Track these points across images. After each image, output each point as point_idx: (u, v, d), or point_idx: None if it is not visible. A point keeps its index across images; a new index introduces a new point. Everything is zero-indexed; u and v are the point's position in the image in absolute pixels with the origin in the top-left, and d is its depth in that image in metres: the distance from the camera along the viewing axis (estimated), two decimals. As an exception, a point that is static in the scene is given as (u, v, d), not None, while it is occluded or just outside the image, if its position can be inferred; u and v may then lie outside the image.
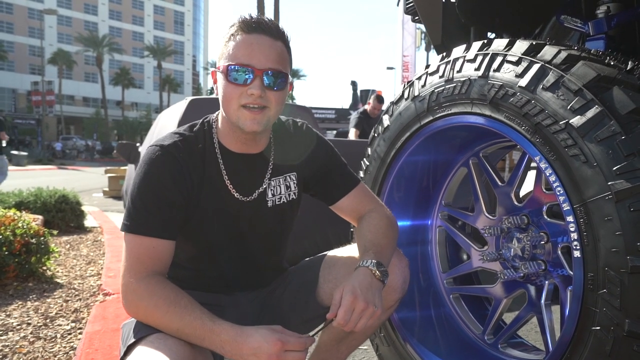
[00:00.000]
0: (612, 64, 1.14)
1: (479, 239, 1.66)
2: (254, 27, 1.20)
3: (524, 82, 1.22)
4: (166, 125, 4.04)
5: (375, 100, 6.81)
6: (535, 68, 1.21)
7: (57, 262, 3.67)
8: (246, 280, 1.42)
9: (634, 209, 1.00)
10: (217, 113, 1.35)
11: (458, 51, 1.47)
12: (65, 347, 2.16)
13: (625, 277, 1.02)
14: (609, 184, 1.04)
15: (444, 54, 1.53)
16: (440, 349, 1.66)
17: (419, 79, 1.59)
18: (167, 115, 4.41)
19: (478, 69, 1.36)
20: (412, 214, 1.83)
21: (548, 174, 1.17)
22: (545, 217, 1.40)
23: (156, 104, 63.14)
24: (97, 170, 18.80)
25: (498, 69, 1.30)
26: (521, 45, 1.27)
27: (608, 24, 1.55)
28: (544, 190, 1.40)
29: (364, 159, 1.84)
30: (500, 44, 1.34)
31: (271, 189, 1.37)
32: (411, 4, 2.32)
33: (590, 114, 1.08)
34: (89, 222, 5.76)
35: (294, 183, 1.42)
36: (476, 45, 1.41)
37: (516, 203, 1.48)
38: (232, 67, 1.18)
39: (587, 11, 1.65)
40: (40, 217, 4.51)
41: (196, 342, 1.09)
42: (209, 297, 1.34)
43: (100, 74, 52.84)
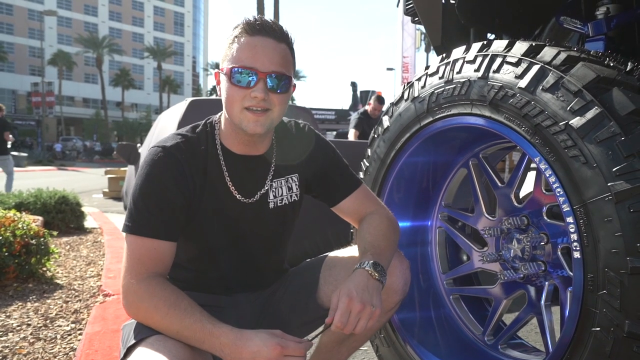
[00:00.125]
0: (612, 65, 1.14)
1: (478, 240, 1.66)
2: (258, 29, 1.20)
3: (523, 83, 1.22)
4: (166, 126, 4.04)
5: (376, 100, 6.82)
6: (535, 69, 1.21)
7: (57, 263, 3.67)
8: (246, 281, 1.42)
9: (633, 210, 1.01)
10: (219, 114, 1.35)
11: (458, 52, 1.47)
12: (65, 348, 2.16)
13: (625, 278, 1.02)
14: (609, 185, 1.04)
15: (444, 55, 1.54)
16: (440, 350, 1.66)
17: (419, 80, 1.60)
18: (167, 116, 4.41)
19: (478, 70, 1.36)
20: (412, 215, 1.83)
21: (548, 175, 1.17)
22: (545, 218, 1.40)
23: (156, 105, 63.15)
24: (97, 171, 18.79)
25: (498, 70, 1.30)
26: (521, 47, 1.28)
27: (607, 25, 1.56)
28: (544, 191, 1.40)
29: (364, 159, 1.84)
30: (499, 45, 1.34)
31: (273, 191, 1.37)
32: (411, 5, 2.32)
33: (590, 115, 1.08)
34: (89, 223, 5.76)
35: (295, 184, 1.42)
36: (476, 46, 1.41)
37: (516, 204, 1.49)
38: (236, 70, 1.18)
39: (586, 12, 1.65)
40: (40, 218, 4.51)
41: (196, 344, 1.09)
42: (209, 298, 1.34)
43: (100, 75, 52.89)
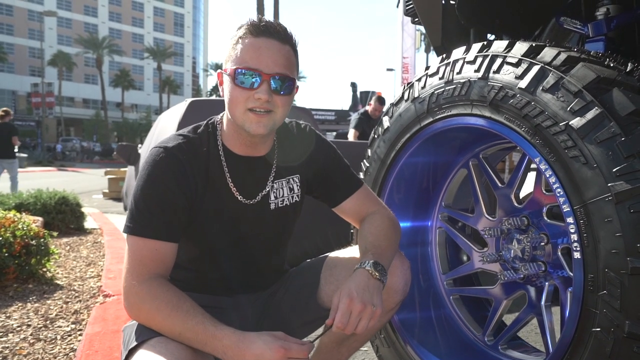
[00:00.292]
0: (612, 65, 1.14)
1: (479, 241, 1.66)
2: (262, 30, 1.20)
3: (523, 83, 1.22)
4: (166, 126, 4.05)
5: (377, 101, 6.82)
6: (535, 70, 1.21)
7: (57, 264, 3.67)
8: (247, 282, 1.42)
9: (633, 210, 1.01)
10: (221, 115, 1.35)
11: (458, 53, 1.47)
12: (65, 349, 2.16)
13: (626, 279, 1.02)
14: (609, 185, 1.04)
15: (444, 55, 1.54)
16: (441, 350, 1.66)
17: (419, 80, 1.60)
18: (167, 117, 4.42)
19: (478, 70, 1.36)
20: (412, 216, 1.83)
21: (548, 176, 1.17)
22: (545, 218, 1.40)
23: (156, 105, 63.16)
24: (97, 172, 18.79)
25: (498, 71, 1.30)
26: (521, 47, 1.28)
27: (607, 25, 1.56)
28: (544, 192, 1.40)
29: (364, 160, 1.84)
30: (500, 45, 1.34)
31: (274, 192, 1.37)
32: (411, 6, 2.32)
33: (590, 115, 1.08)
34: (88, 223, 5.75)
35: (297, 185, 1.42)
36: (476, 46, 1.41)
37: (516, 204, 1.49)
38: (240, 71, 1.18)
39: (586, 13, 1.65)
40: (40, 218, 4.51)
41: (198, 346, 1.09)
42: (209, 299, 1.34)
43: (100, 75, 52.91)
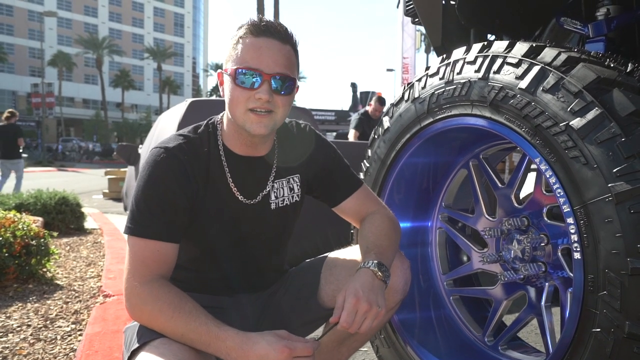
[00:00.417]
0: (612, 66, 1.14)
1: (479, 241, 1.66)
2: (263, 30, 1.20)
3: (524, 84, 1.22)
4: (166, 127, 4.04)
5: (377, 101, 6.82)
6: (536, 70, 1.21)
7: (57, 264, 3.67)
8: (247, 282, 1.42)
9: (634, 210, 1.01)
10: (221, 115, 1.35)
11: (458, 53, 1.47)
12: (65, 349, 2.16)
13: (626, 279, 1.02)
14: (609, 185, 1.04)
15: (444, 55, 1.54)
16: (441, 351, 1.66)
17: (419, 80, 1.60)
18: (167, 117, 4.42)
19: (478, 70, 1.36)
20: (412, 216, 1.83)
21: (548, 176, 1.17)
22: (546, 218, 1.40)
23: (156, 105, 63.17)
24: (97, 172, 18.78)
25: (498, 71, 1.30)
26: (521, 47, 1.28)
27: (608, 26, 1.56)
28: (544, 192, 1.40)
29: (364, 160, 1.84)
30: (500, 46, 1.34)
31: (274, 192, 1.38)
32: (411, 6, 2.32)
33: (591, 115, 1.08)
34: (89, 223, 5.76)
35: (297, 185, 1.42)
36: (476, 47, 1.41)
37: (516, 205, 1.49)
38: (240, 71, 1.18)
39: (586, 13, 1.65)
40: (40, 219, 4.51)
41: (201, 347, 1.09)
42: (210, 299, 1.34)
43: (100, 75, 52.91)
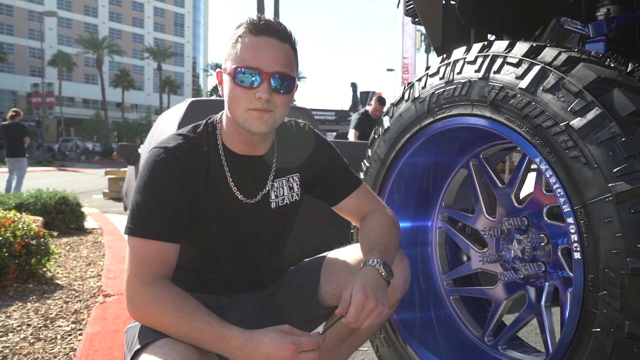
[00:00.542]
0: (613, 66, 1.14)
1: (479, 241, 1.66)
2: (262, 29, 1.19)
3: (524, 83, 1.22)
4: (166, 127, 4.04)
5: (377, 101, 6.82)
6: (536, 70, 1.21)
7: (57, 264, 3.67)
8: (247, 281, 1.42)
9: (634, 210, 1.01)
10: (220, 114, 1.35)
11: (458, 53, 1.47)
12: (65, 348, 2.16)
13: (626, 279, 1.02)
14: (609, 185, 1.04)
15: (444, 55, 1.54)
16: (440, 351, 1.66)
17: (419, 80, 1.60)
18: (167, 117, 4.41)
19: (478, 70, 1.36)
20: (413, 216, 1.83)
21: (548, 176, 1.17)
22: (546, 218, 1.40)
23: (156, 105, 63.17)
24: (97, 172, 18.78)
25: (498, 71, 1.30)
26: (521, 47, 1.28)
27: (608, 26, 1.56)
28: (544, 192, 1.40)
29: (365, 160, 1.84)
30: (500, 45, 1.34)
31: (274, 191, 1.38)
32: (411, 6, 2.32)
33: (591, 115, 1.08)
34: (89, 223, 5.76)
35: (296, 184, 1.42)
36: (476, 47, 1.41)
37: (516, 205, 1.49)
38: (240, 70, 1.18)
39: (587, 13, 1.65)
40: (40, 218, 4.51)
41: (206, 347, 1.09)
42: (209, 299, 1.33)
43: (100, 75, 52.92)
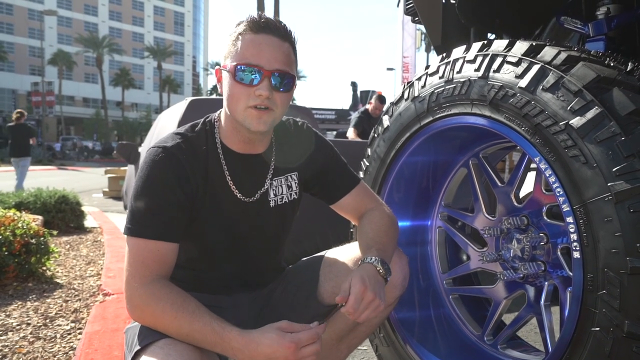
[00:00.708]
0: (612, 65, 1.14)
1: (478, 240, 1.66)
2: (262, 27, 1.20)
3: (523, 83, 1.22)
4: (166, 125, 4.04)
5: (377, 100, 6.81)
6: (535, 69, 1.21)
7: (56, 263, 3.67)
8: (246, 281, 1.42)
9: (633, 210, 1.00)
10: (218, 112, 1.35)
11: (458, 52, 1.47)
12: (64, 347, 2.16)
13: (625, 278, 1.02)
14: (609, 185, 1.04)
15: (444, 54, 1.53)
16: (440, 350, 1.66)
17: (419, 79, 1.60)
18: (167, 116, 4.42)
19: (478, 69, 1.36)
20: (412, 215, 1.83)
21: (548, 175, 1.17)
22: (545, 218, 1.39)
23: (156, 104, 63.14)
24: (97, 171, 18.79)
25: (498, 70, 1.30)
26: (521, 46, 1.27)
27: (608, 25, 1.56)
28: (544, 191, 1.40)
29: (364, 159, 1.84)
30: (500, 44, 1.34)
31: (273, 189, 1.38)
32: (411, 5, 2.32)
33: (590, 115, 1.08)
34: (88, 222, 5.76)
35: (295, 183, 1.42)
36: (476, 46, 1.41)
37: (516, 204, 1.48)
38: (240, 67, 1.18)
39: (587, 12, 1.65)
40: (40, 217, 4.51)
41: (207, 347, 1.09)
42: (208, 298, 1.33)
43: (100, 74, 52.90)
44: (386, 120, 1.72)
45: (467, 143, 1.67)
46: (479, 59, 1.37)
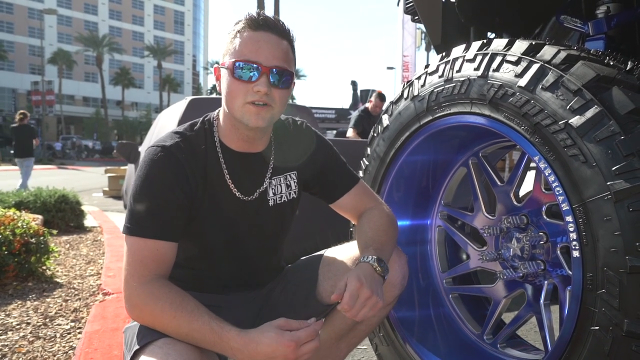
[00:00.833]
0: (612, 64, 1.14)
1: (478, 239, 1.66)
2: (261, 24, 1.20)
3: (523, 82, 1.22)
4: (166, 125, 4.04)
5: (377, 98, 6.79)
6: (535, 68, 1.20)
7: (56, 262, 3.67)
8: (244, 280, 1.42)
9: (633, 209, 1.00)
10: (217, 111, 1.35)
11: (457, 51, 1.47)
12: (64, 347, 2.16)
13: (624, 277, 1.02)
14: (608, 184, 1.04)
15: (444, 53, 1.53)
16: (440, 349, 1.66)
17: (419, 78, 1.59)
18: (167, 115, 4.42)
19: (477, 68, 1.36)
20: (412, 214, 1.83)
21: (547, 174, 1.17)
22: (545, 217, 1.39)
23: (156, 103, 63.15)
24: (97, 170, 18.79)
25: (497, 69, 1.30)
26: (520, 45, 1.27)
27: (608, 24, 1.55)
28: (543, 190, 1.39)
29: (364, 158, 1.84)
30: (499, 43, 1.34)
31: (272, 188, 1.37)
32: (411, 4, 2.32)
33: (590, 114, 1.08)
34: (88, 221, 5.76)
35: (294, 182, 1.42)
36: (476, 45, 1.41)
37: (515, 203, 1.48)
38: (239, 64, 1.18)
39: (586, 11, 1.65)
40: (40, 216, 4.51)
41: (207, 347, 1.09)
42: (207, 298, 1.33)
43: (100, 73, 52.90)
44: (386, 120, 1.72)
45: (467, 142, 1.67)
46: (479, 58, 1.37)
